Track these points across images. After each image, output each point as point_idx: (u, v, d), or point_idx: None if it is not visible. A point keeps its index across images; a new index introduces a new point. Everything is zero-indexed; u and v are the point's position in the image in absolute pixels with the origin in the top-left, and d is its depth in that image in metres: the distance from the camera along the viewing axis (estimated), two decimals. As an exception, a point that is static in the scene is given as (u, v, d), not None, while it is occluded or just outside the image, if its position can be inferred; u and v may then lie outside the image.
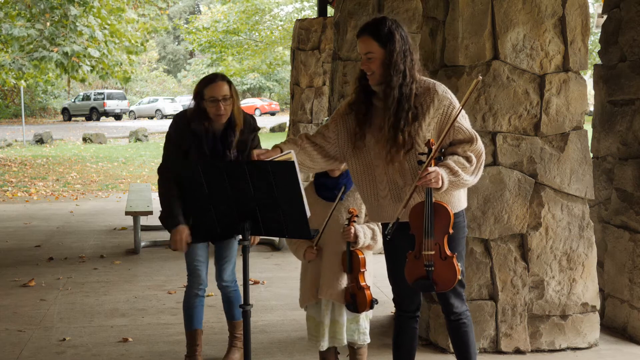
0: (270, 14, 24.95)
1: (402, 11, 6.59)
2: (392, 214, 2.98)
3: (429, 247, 2.86)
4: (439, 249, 2.87)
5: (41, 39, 15.08)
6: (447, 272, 2.88)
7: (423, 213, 2.85)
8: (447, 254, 2.88)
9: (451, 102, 2.94)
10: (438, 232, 2.86)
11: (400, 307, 3.19)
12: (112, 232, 7.87)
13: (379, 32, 2.88)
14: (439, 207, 2.87)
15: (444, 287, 2.92)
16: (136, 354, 4.11)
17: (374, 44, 2.88)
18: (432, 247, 2.86)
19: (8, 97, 38.52)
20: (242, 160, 3.63)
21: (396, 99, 2.88)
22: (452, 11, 4.02)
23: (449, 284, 2.90)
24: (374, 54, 2.88)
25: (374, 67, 2.89)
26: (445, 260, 2.88)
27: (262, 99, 45.08)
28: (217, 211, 3.07)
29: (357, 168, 3.08)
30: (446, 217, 2.87)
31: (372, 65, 2.89)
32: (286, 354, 4.11)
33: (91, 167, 16.02)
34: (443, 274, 2.88)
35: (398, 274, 3.09)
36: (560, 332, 4.10)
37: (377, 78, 2.92)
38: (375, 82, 2.94)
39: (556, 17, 4.00)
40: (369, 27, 2.90)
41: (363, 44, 2.90)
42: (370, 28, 2.89)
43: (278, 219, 2.97)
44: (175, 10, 49.41)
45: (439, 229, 2.86)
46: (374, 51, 2.88)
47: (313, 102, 9.21)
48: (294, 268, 6.16)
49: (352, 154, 3.07)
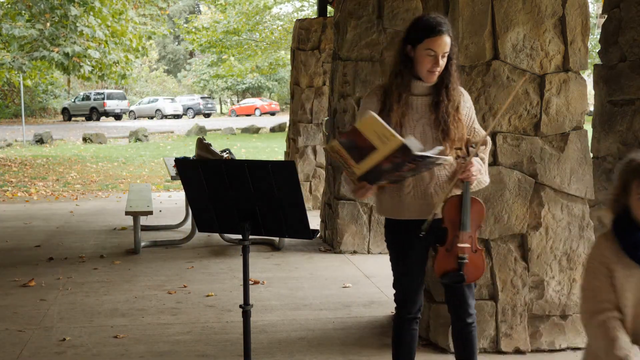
0: (270, 14, 24.94)
1: (402, 11, 6.59)
2: (414, 210, 2.96)
3: (464, 239, 2.90)
4: (472, 242, 2.93)
5: (41, 39, 15.09)
6: (478, 265, 2.96)
7: (458, 207, 2.89)
8: (477, 247, 2.95)
9: (472, 104, 3.10)
10: (473, 225, 2.92)
11: (404, 308, 3.14)
12: (112, 232, 7.87)
13: (451, 31, 2.91)
14: (475, 201, 2.94)
15: (473, 279, 2.98)
16: (136, 354, 4.11)
17: (451, 43, 2.90)
18: (467, 240, 2.91)
19: (8, 97, 38.51)
20: (242, 160, 3.62)
21: (446, 96, 2.93)
22: (452, 11, 4.02)
23: (478, 276, 2.99)
24: (447, 53, 2.90)
25: (443, 65, 2.91)
26: (476, 253, 2.94)
27: (262, 99, 45.12)
28: (217, 211, 3.07)
29: None
30: (481, 210, 2.95)
31: (442, 63, 2.90)
32: (286, 354, 4.11)
33: (91, 167, 16.02)
34: (474, 267, 2.94)
35: (409, 273, 3.07)
36: (560, 332, 4.10)
37: (437, 76, 2.93)
38: (434, 80, 2.94)
39: (556, 17, 4.00)
40: (446, 26, 2.89)
41: (444, 43, 2.87)
42: (447, 27, 2.89)
43: (278, 219, 2.97)
44: (175, 10, 49.40)
45: (474, 222, 2.93)
46: (448, 50, 2.89)
47: (313, 102, 9.21)
48: (294, 268, 6.16)
49: None
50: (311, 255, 6.65)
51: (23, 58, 15.61)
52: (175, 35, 49.82)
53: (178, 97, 45.20)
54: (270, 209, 2.95)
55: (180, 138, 26.43)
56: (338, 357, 4.05)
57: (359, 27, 6.63)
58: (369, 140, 2.64)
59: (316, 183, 9.27)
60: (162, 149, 21.18)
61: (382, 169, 2.71)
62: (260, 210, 2.98)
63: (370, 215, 6.67)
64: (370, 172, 2.73)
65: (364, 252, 6.69)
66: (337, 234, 6.71)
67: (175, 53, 56.64)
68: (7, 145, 22.32)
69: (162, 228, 8.03)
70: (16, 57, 15.61)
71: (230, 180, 2.96)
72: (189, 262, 6.33)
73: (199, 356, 4.07)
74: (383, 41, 6.62)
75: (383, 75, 6.62)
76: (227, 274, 5.94)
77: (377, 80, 6.62)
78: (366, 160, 2.70)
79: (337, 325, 4.61)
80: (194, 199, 3.14)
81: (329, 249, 6.88)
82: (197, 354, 4.09)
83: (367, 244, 6.70)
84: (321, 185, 9.07)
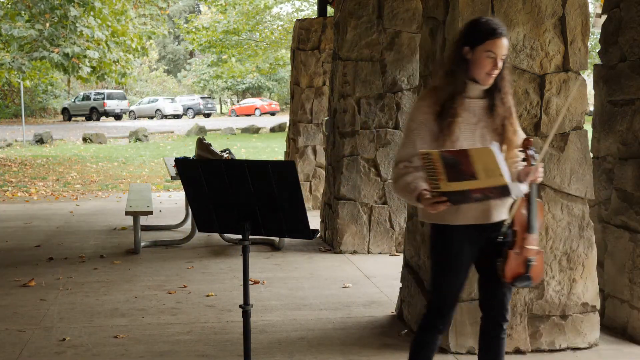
0: (270, 15, 24.93)
1: (402, 11, 6.59)
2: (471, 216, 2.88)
3: (532, 242, 2.90)
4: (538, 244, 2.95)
5: (41, 39, 15.09)
6: (541, 266, 2.97)
7: (526, 209, 2.88)
8: (539, 249, 2.95)
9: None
10: (539, 227, 2.93)
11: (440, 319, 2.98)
12: (112, 232, 7.87)
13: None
14: (539, 203, 2.94)
15: (537, 280, 2.97)
16: (136, 354, 4.11)
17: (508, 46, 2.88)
18: (535, 242, 2.90)
19: (8, 97, 38.53)
20: (242, 160, 3.62)
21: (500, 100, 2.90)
22: (452, 11, 4.02)
23: (541, 277, 2.99)
24: (505, 56, 2.87)
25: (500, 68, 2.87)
26: (539, 254, 2.94)
27: (262, 99, 45.12)
28: (217, 211, 3.07)
29: None
30: (542, 211, 2.97)
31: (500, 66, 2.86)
32: (286, 354, 4.11)
33: (91, 167, 16.02)
34: (539, 268, 2.94)
35: (454, 282, 2.96)
36: (560, 332, 4.10)
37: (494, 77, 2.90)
38: (490, 83, 2.89)
39: (556, 17, 4.00)
40: (505, 29, 2.86)
41: (504, 45, 2.84)
42: (506, 30, 2.86)
43: (278, 219, 2.97)
44: (175, 9, 49.41)
45: (540, 223, 2.93)
46: (506, 53, 2.87)
47: (313, 102, 9.21)
48: (294, 268, 6.16)
49: None
50: (311, 255, 6.65)
51: (23, 58, 15.61)
52: (175, 35, 49.85)
53: (178, 97, 45.21)
54: (270, 209, 2.95)
55: (180, 138, 26.43)
56: (338, 357, 4.05)
57: (359, 27, 6.63)
58: (474, 168, 2.61)
59: (316, 183, 9.27)
60: (162, 149, 21.18)
61: (471, 196, 2.68)
62: (260, 210, 2.97)
63: (370, 215, 6.67)
64: (457, 194, 2.68)
65: (364, 252, 6.69)
66: (337, 234, 6.71)
67: (175, 53, 56.66)
68: (7, 145, 22.33)
69: (162, 228, 8.03)
70: (16, 57, 15.61)
71: (230, 180, 2.96)
72: (189, 262, 6.33)
73: (199, 356, 4.07)
74: (383, 41, 6.62)
75: (383, 75, 6.63)
76: (227, 274, 5.94)
77: (376, 80, 6.62)
78: (460, 183, 2.65)
79: (337, 325, 4.61)
80: (194, 199, 3.14)
81: (329, 249, 6.88)
82: (197, 354, 4.09)
83: (367, 244, 6.70)
84: (321, 185, 9.08)
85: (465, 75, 2.87)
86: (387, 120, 6.64)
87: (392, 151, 6.62)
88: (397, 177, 2.92)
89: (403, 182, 2.87)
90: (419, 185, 2.81)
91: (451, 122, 2.84)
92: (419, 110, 2.95)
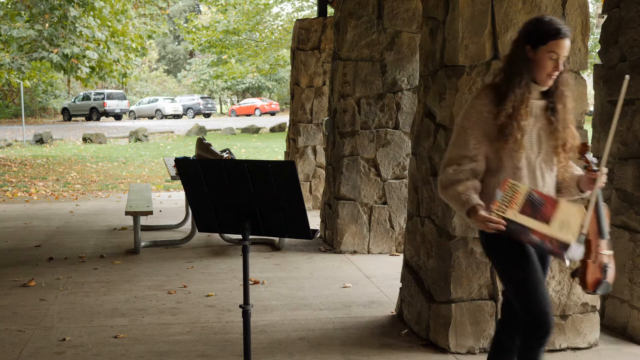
0: (270, 14, 24.94)
1: (402, 11, 6.59)
2: None
3: (606, 247, 2.86)
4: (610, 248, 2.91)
5: (40, 40, 15.09)
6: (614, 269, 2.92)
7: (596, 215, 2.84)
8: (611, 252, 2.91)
9: None
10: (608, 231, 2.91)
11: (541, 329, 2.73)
12: (112, 232, 7.87)
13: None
14: (605, 207, 2.91)
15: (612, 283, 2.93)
16: (136, 354, 4.11)
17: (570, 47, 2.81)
18: (607, 247, 2.86)
19: (8, 97, 38.55)
20: (242, 160, 3.62)
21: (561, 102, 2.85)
22: (452, 11, 4.02)
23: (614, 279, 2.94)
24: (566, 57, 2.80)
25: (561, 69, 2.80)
26: (611, 258, 2.90)
27: (262, 99, 45.12)
28: (217, 211, 3.07)
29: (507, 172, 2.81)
30: (609, 215, 2.93)
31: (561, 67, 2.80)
32: (286, 354, 4.11)
33: (91, 167, 16.02)
34: (614, 271, 2.90)
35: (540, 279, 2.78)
36: (560, 332, 4.10)
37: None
38: (550, 84, 2.82)
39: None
40: (568, 29, 2.79)
41: (567, 46, 2.76)
42: (568, 30, 2.79)
43: (278, 219, 2.97)
44: (175, 9, 49.43)
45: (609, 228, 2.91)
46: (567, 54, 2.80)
47: (313, 102, 9.21)
48: (293, 268, 6.16)
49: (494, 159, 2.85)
50: (311, 255, 6.65)
51: (22, 59, 15.61)
52: (175, 35, 49.86)
53: (178, 97, 45.21)
54: (270, 209, 2.95)
55: (180, 138, 26.43)
56: (338, 357, 4.05)
57: (359, 27, 6.63)
58: (553, 216, 2.62)
59: (316, 183, 9.27)
60: (162, 149, 21.18)
61: (529, 234, 2.66)
62: (260, 210, 2.98)
63: (370, 215, 6.67)
64: (519, 226, 2.65)
65: (364, 252, 6.69)
66: (337, 234, 6.71)
67: (175, 53, 56.66)
68: (7, 145, 22.33)
69: (162, 228, 8.03)
70: (15, 57, 15.61)
71: (230, 180, 2.96)
72: (189, 262, 6.33)
73: (199, 356, 4.07)
74: (383, 41, 6.62)
75: (383, 75, 6.62)
76: (227, 274, 5.94)
77: (376, 80, 6.62)
78: (529, 219, 2.65)
79: (337, 325, 4.61)
80: (194, 199, 3.14)
81: (329, 249, 6.88)
82: (197, 354, 4.09)
83: (367, 244, 6.70)
84: (321, 185, 9.08)
85: (526, 75, 2.78)
86: (387, 120, 6.64)
87: (392, 151, 6.62)
88: (447, 184, 2.81)
89: (454, 192, 2.77)
90: (472, 199, 2.74)
91: (511, 123, 2.75)
92: (474, 108, 2.83)
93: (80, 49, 15.13)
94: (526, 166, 2.82)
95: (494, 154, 2.82)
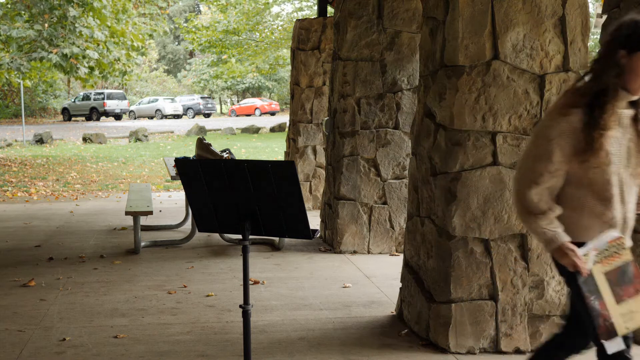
0: (270, 14, 24.95)
1: (402, 11, 6.60)
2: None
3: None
4: None
5: (40, 40, 15.09)
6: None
7: None
8: None
9: None
10: None
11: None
12: (112, 232, 7.87)
13: None
14: None
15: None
16: (136, 354, 4.11)
17: None
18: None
19: (8, 97, 38.56)
20: (242, 160, 3.62)
21: None
22: (452, 11, 4.02)
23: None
24: None
25: None
26: None
27: (262, 99, 45.13)
28: (217, 211, 3.07)
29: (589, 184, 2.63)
30: None
31: None
32: (286, 354, 4.11)
33: (91, 167, 16.02)
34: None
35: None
36: (560, 332, 4.10)
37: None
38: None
39: (556, 17, 4.00)
40: None
41: None
42: None
43: (278, 219, 2.97)
44: (175, 9, 49.43)
45: None
46: None
47: (313, 102, 9.22)
48: (293, 268, 6.16)
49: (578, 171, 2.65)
50: (311, 255, 6.65)
51: (21, 59, 15.62)
52: (175, 35, 49.86)
53: (178, 97, 45.23)
54: (270, 209, 2.95)
55: (180, 138, 26.44)
56: (338, 357, 4.05)
57: (359, 27, 6.63)
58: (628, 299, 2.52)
59: (316, 183, 9.27)
60: (162, 149, 21.18)
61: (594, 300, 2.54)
62: (260, 210, 2.98)
63: (370, 215, 6.67)
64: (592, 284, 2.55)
65: (364, 252, 6.69)
66: (337, 234, 6.71)
67: (175, 53, 56.68)
68: (7, 145, 22.33)
69: (162, 228, 8.03)
70: (15, 57, 15.61)
71: (230, 180, 2.97)
72: (189, 262, 6.34)
73: (199, 356, 4.07)
74: (383, 41, 6.62)
75: (383, 75, 6.62)
76: (227, 274, 5.94)
77: (376, 80, 6.62)
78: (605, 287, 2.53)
79: (337, 325, 4.61)
80: (194, 199, 3.14)
81: (329, 249, 6.88)
82: (197, 354, 4.09)
83: (367, 244, 6.70)
84: (321, 185, 9.08)
85: (617, 81, 2.55)
86: (387, 120, 6.64)
87: (392, 151, 6.62)
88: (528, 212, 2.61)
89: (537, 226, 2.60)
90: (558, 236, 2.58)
91: (601, 135, 2.52)
92: (560, 116, 2.57)
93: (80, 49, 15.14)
94: (617, 181, 2.61)
95: (578, 167, 2.59)
